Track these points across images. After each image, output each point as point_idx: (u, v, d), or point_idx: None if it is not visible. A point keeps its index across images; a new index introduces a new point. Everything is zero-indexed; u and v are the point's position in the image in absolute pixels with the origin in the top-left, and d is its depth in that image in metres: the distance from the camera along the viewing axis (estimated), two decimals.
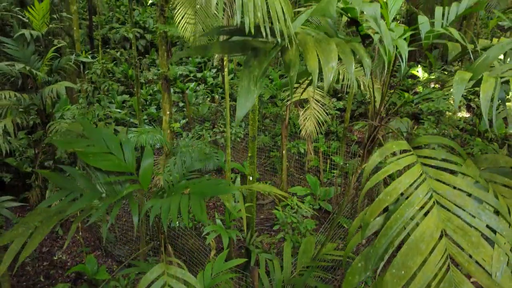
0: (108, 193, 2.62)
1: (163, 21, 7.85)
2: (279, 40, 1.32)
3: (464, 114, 9.52)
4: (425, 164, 1.76)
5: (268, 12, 1.42)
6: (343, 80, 5.99)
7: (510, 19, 11.51)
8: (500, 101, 1.84)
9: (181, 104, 11.66)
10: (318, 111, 5.73)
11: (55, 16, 6.80)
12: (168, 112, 8.04)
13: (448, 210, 1.61)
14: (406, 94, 7.97)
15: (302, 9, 1.89)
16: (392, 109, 9.33)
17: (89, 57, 6.77)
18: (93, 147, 2.57)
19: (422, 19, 2.29)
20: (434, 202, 1.63)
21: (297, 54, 1.50)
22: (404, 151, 1.98)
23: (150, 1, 18.64)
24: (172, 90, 11.18)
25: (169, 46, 8.42)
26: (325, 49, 1.58)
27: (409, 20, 10.51)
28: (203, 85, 12.65)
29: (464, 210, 1.61)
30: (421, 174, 1.71)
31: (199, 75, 13.30)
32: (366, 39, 2.03)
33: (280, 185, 8.03)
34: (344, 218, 6.91)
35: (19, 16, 7.11)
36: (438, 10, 2.33)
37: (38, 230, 2.44)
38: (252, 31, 1.25)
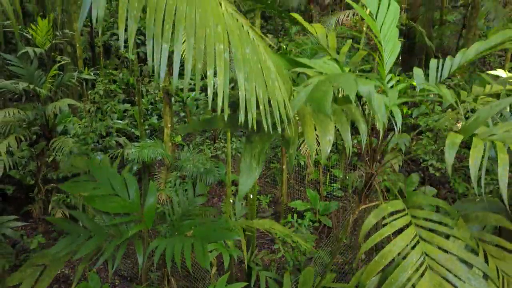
0: (114, 233, 2.70)
1: None
2: (279, 128, 1.40)
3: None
4: (418, 225, 1.85)
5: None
6: None
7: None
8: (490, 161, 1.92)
9: (182, 114, 11.73)
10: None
11: (57, 33, 6.89)
12: (169, 125, 8.13)
13: (440, 275, 1.70)
14: (405, 109, 8.04)
15: (301, 69, 1.97)
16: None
17: (91, 73, 6.86)
18: (99, 190, 2.66)
19: (417, 72, 2.37)
20: (426, 266, 1.72)
21: (297, 131, 1.58)
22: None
23: None
24: (173, 99, 11.26)
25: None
26: (323, 120, 1.67)
27: (408, 31, 10.59)
28: (204, 93, 12.71)
29: (455, 275, 1.69)
30: (414, 236, 1.79)
31: (200, 83, 13.30)
32: (362, 97, 2.11)
33: (280, 198, 8.12)
34: (344, 232, 6.99)
35: (23, 32, 7.20)
36: (433, 62, 2.41)
37: (47, 272, 2.53)
38: (255, 127, 1.33)
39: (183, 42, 1.28)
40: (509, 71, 11.52)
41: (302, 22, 2.48)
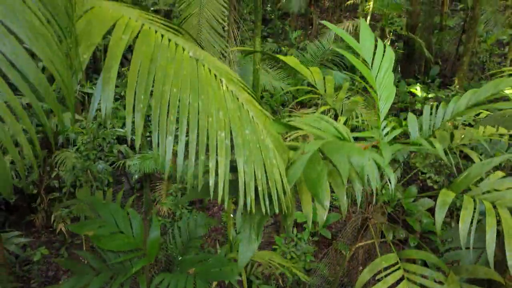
0: (119, 269, 2.80)
1: None
2: (277, 209, 1.48)
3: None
4: (411, 280, 1.94)
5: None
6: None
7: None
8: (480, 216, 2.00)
9: None
10: None
11: None
12: None
13: None
14: (404, 122, 8.11)
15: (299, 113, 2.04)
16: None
17: (93, 87, 6.93)
18: (104, 228, 2.74)
19: (411, 119, 2.45)
20: None
21: (293, 200, 1.66)
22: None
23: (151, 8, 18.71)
24: None
25: None
26: None
27: (408, 38, 10.64)
28: None
29: None
30: None
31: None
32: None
33: None
34: (343, 244, 7.09)
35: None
36: (427, 109, 2.49)
37: None
38: (254, 210, 1.41)
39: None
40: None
41: (300, 68, 2.55)
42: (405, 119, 9.85)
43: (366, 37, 2.52)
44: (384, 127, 2.46)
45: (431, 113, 2.45)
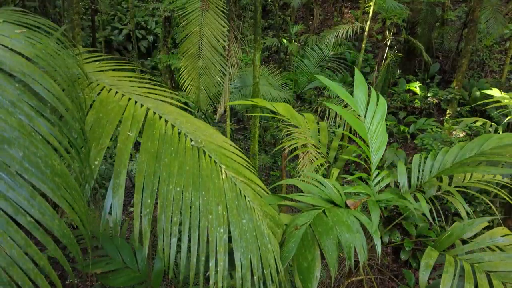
0: None
1: (166, 52, 8.07)
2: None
3: (460, 133, 9.78)
4: None
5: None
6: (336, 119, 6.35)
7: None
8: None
9: None
10: (315, 157, 6.05)
11: None
12: None
13: None
14: (402, 127, 8.23)
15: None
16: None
17: None
18: (111, 265, 2.92)
19: (401, 170, 2.59)
20: None
21: (287, 277, 1.82)
22: None
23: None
24: None
25: (172, 73, 8.67)
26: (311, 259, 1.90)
27: (409, 34, 10.63)
28: None
29: None
30: None
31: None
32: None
33: (280, 210, 8.41)
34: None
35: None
36: (416, 159, 2.62)
37: None
38: None
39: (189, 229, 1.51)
40: (507, 77, 11.48)
41: (294, 117, 2.66)
42: (404, 118, 9.96)
43: (360, 88, 2.64)
44: (376, 176, 2.60)
45: (419, 165, 2.60)
